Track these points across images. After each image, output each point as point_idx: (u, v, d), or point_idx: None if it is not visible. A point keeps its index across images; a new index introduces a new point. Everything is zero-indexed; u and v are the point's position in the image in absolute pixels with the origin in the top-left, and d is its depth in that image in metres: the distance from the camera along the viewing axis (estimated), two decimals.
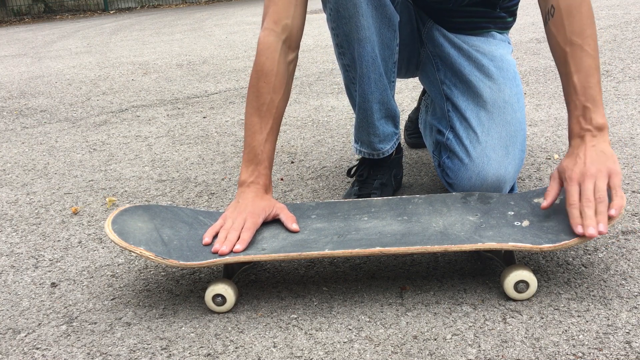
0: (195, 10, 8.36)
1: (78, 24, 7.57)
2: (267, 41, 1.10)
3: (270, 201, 1.10)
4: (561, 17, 1.01)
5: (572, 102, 1.00)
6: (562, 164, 0.99)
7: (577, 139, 0.99)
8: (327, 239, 1.01)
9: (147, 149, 2.00)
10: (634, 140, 1.63)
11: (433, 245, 0.95)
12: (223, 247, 0.98)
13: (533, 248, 0.93)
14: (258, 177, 1.10)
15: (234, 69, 3.40)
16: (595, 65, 0.99)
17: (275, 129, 1.12)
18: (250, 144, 1.10)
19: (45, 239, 1.37)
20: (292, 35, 1.12)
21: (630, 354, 0.82)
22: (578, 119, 0.99)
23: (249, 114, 1.11)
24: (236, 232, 1.01)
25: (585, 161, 0.95)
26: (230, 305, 1.00)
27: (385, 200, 1.14)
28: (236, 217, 1.05)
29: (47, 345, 0.96)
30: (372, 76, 1.18)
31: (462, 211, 1.06)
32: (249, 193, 1.09)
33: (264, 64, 1.10)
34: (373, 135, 1.28)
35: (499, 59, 1.25)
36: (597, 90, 0.98)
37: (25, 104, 2.88)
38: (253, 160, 1.10)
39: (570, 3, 1.01)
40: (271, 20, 1.10)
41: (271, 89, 1.10)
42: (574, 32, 1.00)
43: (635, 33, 3.17)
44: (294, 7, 1.11)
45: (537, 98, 2.17)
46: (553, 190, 0.99)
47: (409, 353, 0.86)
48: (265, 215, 1.07)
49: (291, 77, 1.14)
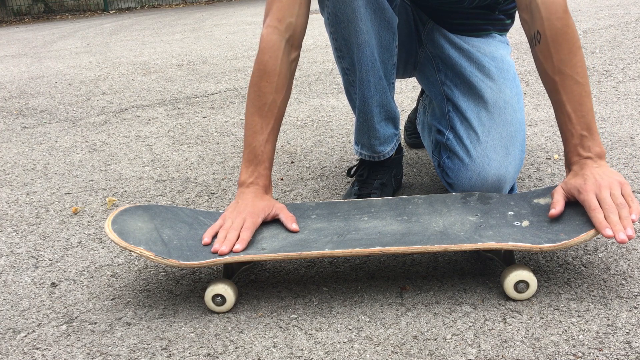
0: (195, 10, 8.36)
1: (78, 24, 7.57)
2: (270, 39, 1.09)
3: (270, 201, 1.09)
4: (547, 44, 1.00)
5: (568, 130, 1.01)
6: (569, 182, 0.99)
7: (578, 165, 1.00)
8: (327, 239, 1.01)
9: (147, 149, 2.00)
10: (634, 140, 1.63)
11: (433, 245, 0.95)
12: (223, 247, 0.98)
13: (533, 248, 0.93)
14: (258, 177, 1.09)
15: (234, 69, 3.40)
16: (586, 92, 0.99)
17: (276, 129, 1.12)
18: (250, 144, 1.10)
19: (45, 239, 1.37)
20: (296, 34, 1.10)
21: (630, 354, 0.82)
22: (576, 147, 1.00)
23: (250, 113, 1.10)
24: (235, 232, 1.01)
25: (595, 177, 0.96)
26: (230, 305, 1.00)
27: (385, 200, 1.14)
28: (235, 217, 1.04)
29: (47, 345, 0.96)
30: (371, 80, 1.18)
31: (462, 211, 1.06)
32: (249, 193, 1.08)
33: (267, 63, 1.09)
34: (374, 138, 1.28)
35: (500, 60, 1.25)
36: (590, 117, 0.99)
37: (25, 104, 2.88)
38: (253, 161, 1.10)
39: (555, 31, 1.00)
40: (275, 17, 1.09)
41: (273, 89, 1.09)
42: (562, 60, 1.00)
43: (635, 33, 3.17)
44: (298, 5, 1.09)
45: (537, 98, 2.17)
46: (561, 201, 0.99)
47: (409, 353, 0.86)
48: (264, 215, 1.07)
49: (293, 76, 1.14)
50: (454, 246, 0.94)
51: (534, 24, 1.03)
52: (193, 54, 4.08)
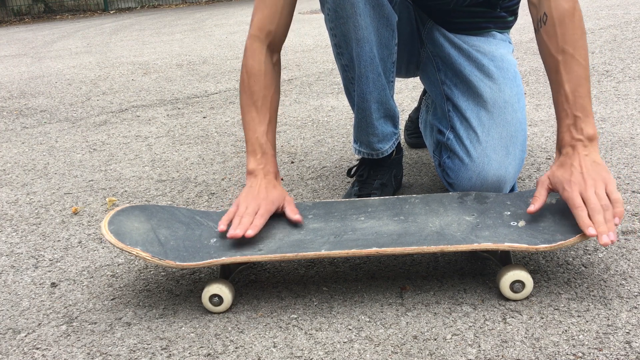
0: (195, 10, 8.36)
1: (78, 24, 7.57)
2: (253, 47, 1.16)
3: (283, 192, 1.12)
4: (554, 25, 1.01)
5: (563, 110, 1.01)
6: (555, 174, 0.99)
7: (569, 147, 1.00)
8: (323, 239, 1.01)
9: (147, 149, 2.00)
10: (634, 140, 1.63)
11: (429, 245, 0.95)
12: (237, 231, 1.00)
13: (529, 248, 0.93)
14: (267, 164, 1.12)
15: (234, 69, 3.40)
16: (585, 75, 1.00)
17: (273, 122, 1.16)
18: (252, 137, 1.13)
19: (45, 239, 1.37)
20: (275, 40, 1.18)
21: (630, 354, 0.82)
22: (569, 127, 1.00)
23: (246, 111, 1.15)
24: (250, 217, 1.03)
25: (581, 171, 0.96)
26: (228, 305, 1.00)
27: (382, 200, 1.14)
28: (250, 202, 1.06)
29: (47, 345, 0.96)
30: (370, 76, 1.18)
31: (459, 211, 1.06)
32: (261, 179, 1.11)
33: (252, 67, 1.16)
34: (372, 135, 1.28)
35: (499, 59, 1.25)
36: (587, 100, 0.99)
37: (25, 104, 2.88)
38: (258, 150, 1.13)
39: (562, 12, 1.01)
40: (256, 27, 1.17)
41: (263, 86, 1.15)
42: (566, 41, 1.00)
43: (635, 33, 3.17)
44: (279, 16, 1.17)
45: (537, 98, 2.17)
46: (542, 196, 1.00)
47: (409, 353, 0.86)
48: (278, 205, 1.09)
49: (279, 76, 1.20)
50: (451, 247, 0.94)
51: (542, 6, 1.03)
52: (193, 54, 4.08)
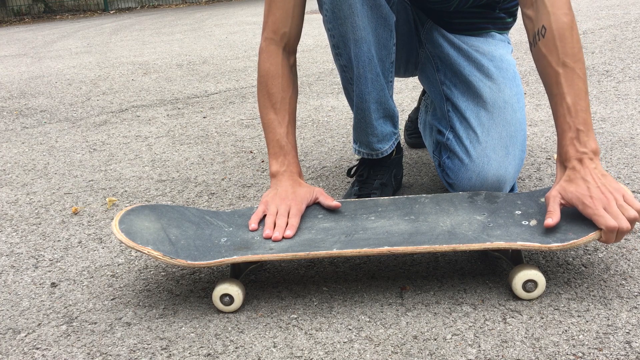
0: (195, 10, 8.36)
1: (78, 24, 7.57)
2: (269, 49, 1.17)
3: (309, 187, 1.13)
4: (553, 38, 1.01)
5: (565, 123, 0.99)
6: (567, 189, 0.96)
7: (575, 161, 0.97)
8: (334, 239, 1.01)
9: (147, 149, 2.00)
10: (634, 140, 1.63)
11: (441, 244, 0.95)
12: (275, 234, 1.02)
13: (542, 247, 0.92)
14: (290, 165, 1.15)
15: (234, 69, 3.40)
16: (585, 89, 1.00)
17: (292, 122, 1.18)
18: (273, 139, 1.15)
19: (45, 239, 1.37)
20: (290, 42, 1.19)
21: (630, 354, 0.82)
22: (572, 141, 0.98)
23: (265, 113, 1.17)
24: (284, 218, 1.05)
25: (597, 185, 0.94)
26: (238, 306, 1.00)
27: (392, 200, 1.14)
28: (279, 203, 1.08)
29: (47, 345, 0.96)
30: (369, 76, 1.18)
31: (470, 210, 1.06)
32: (286, 180, 1.13)
33: (269, 70, 1.17)
34: (371, 135, 1.28)
35: (499, 59, 1.25)
36: (588, 114, 0.99)
37: (25, 104, 2.88)
38: (280, 152, 1.15)
39: (562, 25, 1.01)
40: (270, 30, 1.18)
41: (280, 88, 1.16)
42: (566, 54, 1.00)
43: (635, 33, 3.17)
44: (291, 17, 1.17)
45: (537, 98, 2.17)
46: (557, 212, 0.96)
47: (409, 353, 0.86)
48: (307, 202, 1.11)
49: (296, 77, 1.21)
50: (462, 246, 0.94)
51: (539, 19, 1.03)
52: (193, 54, 4.08)
